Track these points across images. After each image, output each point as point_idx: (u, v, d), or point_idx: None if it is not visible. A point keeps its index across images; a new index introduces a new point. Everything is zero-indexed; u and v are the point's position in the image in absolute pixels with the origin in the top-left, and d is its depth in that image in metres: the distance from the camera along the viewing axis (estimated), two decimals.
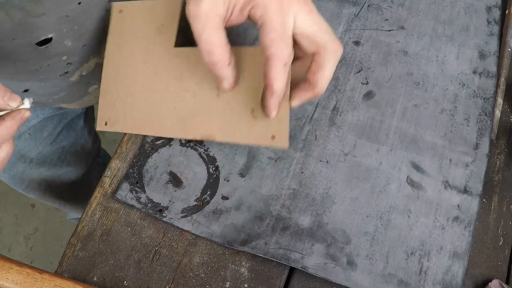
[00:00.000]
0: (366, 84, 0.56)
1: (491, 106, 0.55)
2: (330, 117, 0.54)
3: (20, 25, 0.47)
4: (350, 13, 0.60)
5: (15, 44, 0.49)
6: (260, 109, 0.45)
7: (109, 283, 0.47)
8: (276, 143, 0.45)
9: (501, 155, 0.55)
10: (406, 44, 0.58)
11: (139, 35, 0.50)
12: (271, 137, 0.45)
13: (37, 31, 0.49)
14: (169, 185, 0.50)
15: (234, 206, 0.49)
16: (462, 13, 0.61)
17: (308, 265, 0.47)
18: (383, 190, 0.50)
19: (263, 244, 0.48)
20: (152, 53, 0.49)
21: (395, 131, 0.53)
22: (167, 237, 0.49)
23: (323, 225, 0.49)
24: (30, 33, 0.49)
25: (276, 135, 0.45)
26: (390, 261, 0.48)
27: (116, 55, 0.51)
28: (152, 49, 0.49)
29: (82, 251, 0.48)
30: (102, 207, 0.50)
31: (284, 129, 0.45)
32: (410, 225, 0.49)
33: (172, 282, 0.47)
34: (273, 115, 0.44)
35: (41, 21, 0.48)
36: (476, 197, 0.51)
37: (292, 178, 0.51)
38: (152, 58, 0.49)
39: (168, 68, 0.49)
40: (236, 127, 0.47)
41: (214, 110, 0.48)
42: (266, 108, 0.44)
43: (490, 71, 0.57)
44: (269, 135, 0.45)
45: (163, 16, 0.49)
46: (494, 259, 0.50)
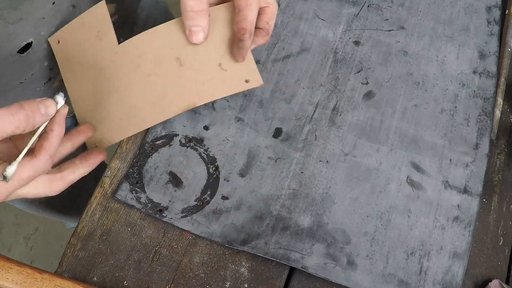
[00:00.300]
0: (366, 84, 0.56)
1: (491, 106, 0.55)
2: (330, 117, 0.54)
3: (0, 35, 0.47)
4: (350, 13, 0.60)
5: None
6: (227, 60, 0.48)
7: (109, 283, 0.47)
8: (251, 85, 0.48)
9: (501, 155, 0.55)
10: (406, 44, 0.58)
11: (84, 52, 0.50)
12: (245, 81, 0.48)
13: (17, 38, 0.49)
14: (169, 185, 0.50)
15: (234, 206, 0.49)
16: (462, 13, 0.61)
17: (308, 265, 0.47)
18: (383, 190, 0.50)
19: (263, 244, 0.48)
20: (101, 59, 0.49)
21: (395, 131, 0.53)
22: (167, 237, 0.49)
23: (323, 225, 0.49)
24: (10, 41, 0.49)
25: (249, 78, 0.48)
26: (390, 261, 0.48)
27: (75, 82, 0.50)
28: (100, 56, 0.50)
29: (82, 251, 0.48)
30: (102, 207, 0.50)
31: (254, 71, 0.48)
32: (410, 225, 0.49)
33: (172, 282, 0.47)
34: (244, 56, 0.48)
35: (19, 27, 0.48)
36: (476, 197, 0.51)
37: (292, 178, 0.51)
38: (103, 64, 0.49)
39: (122, 66, 0.49)
40: (210, 85, 0.48)
41: (184, 80, 0.48)
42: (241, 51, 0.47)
43: (490, 71, 0.57)
44: (242, 80, 0.48)
45: (95, 24, 0.50)
46: (494, 259, 0.50)
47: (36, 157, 0.40)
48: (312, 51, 0.57)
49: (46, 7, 0.49)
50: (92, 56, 0.50)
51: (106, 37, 0.49)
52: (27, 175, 0.40)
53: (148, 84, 0.48)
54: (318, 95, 0.55)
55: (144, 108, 0.49)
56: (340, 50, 0.57)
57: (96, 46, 0.50)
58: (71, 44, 0.50)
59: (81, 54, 0.50)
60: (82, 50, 0.50)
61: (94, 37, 0.50)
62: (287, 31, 0.58)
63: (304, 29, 0.59)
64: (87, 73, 0.50)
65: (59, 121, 0.42)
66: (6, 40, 0.49)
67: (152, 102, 0.48)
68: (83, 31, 0.50)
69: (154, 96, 0.48)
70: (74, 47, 0.50)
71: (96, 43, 0.50)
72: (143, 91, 0.49)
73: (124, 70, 0.49)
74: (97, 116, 0.50)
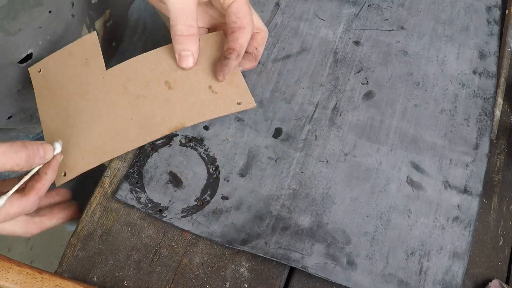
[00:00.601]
0: (366, 84, 0.56)
1: (491, 106, 0.55)
2: (330, 117, 0.54)
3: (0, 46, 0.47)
4: (350, 13, 0.60)
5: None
6: (217, 83, 0.49)
7: (109, 283, 0.47)
8: (244, 107, 0.49)
9: (501, 155, 0.55)
10: (406, 44, 0.58)
11: (68, 79, 0.50)
12: (237, 103, 0.49)
13: (18, 49, 0.50)
14: (169, 185, 0.50)
15: (234, 206, 0.49)
16: (462, 13, 0.61)
17: (308, 265, 0.47)
18: (383, 190, 0.50)
19: (263, 244, 0.48)
20: (87, 85, 0.50)
21: (395, 131, 0.53)
22: (167, 237, 0.49)
23: (323, 225, 0.49)
24: (11, 52, 0.49)
25: (241, 100, 0.49)
26: (390, 261, 0.48)
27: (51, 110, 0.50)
28: (85, 83, 0.50)
29: (82, 251, 0.48)
30: (102, 207, 0.50)
31: (246, 93, 0.49)
32: (410, 225, 0.49)
33: (172, 282, 0.47)
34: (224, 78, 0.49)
35: (19, 38, 0.48)
36: (476, 197, 0.51)
37: (292, 178, 0.51)
38: (88, 89, 0.49)
39: (108, 90, 0.49)
40: (201, 107, 0.48)
41: (172, 102, 0.48)
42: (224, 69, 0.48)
43: (490, 71, 0.57)
44: (234, 102, 0.49)
45: (83, 53, 0.50)
46: (494, 259, 0.50)
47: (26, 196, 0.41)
48: (312, 51, 0.57)
49: (43, 16, 0.49)
50: (76, 83, 0.50)
51: (94, 63, 0.50)
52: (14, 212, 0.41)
53: (136, 106, 0.49)
54: (318, 95, 0.55)
55: (131, 129, 0.48)
56: (340, 50, 0.57)
57: (82, 73, 0.50)
58: (53, 72, 0.50)
59: (64, 82, 0.50)
60: (65, 78, 0.50)
61: (80, 64, 0.50)
62: (287, 31, 0.58)
63: (304, 29, 0.59)
64: (66, 100, 0.49)
65: (54, 167, 0.44)
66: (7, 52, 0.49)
67: (139, 123, 0.48)
68: (70, 59, 0.50)
69: (142, 117, 0.48)
70: (56, 76, 0.50)
71: (82, 70, 0.50)
72: (131, 112, 0.49)
73: (111, 93, 0.49)
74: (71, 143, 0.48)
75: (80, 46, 0.51)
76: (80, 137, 0.48)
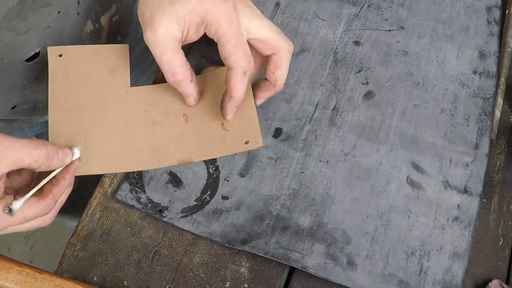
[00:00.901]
0: (366, 84, 0.56)
1: (491, 106, 0.55)
2: (330, 117, 0.54)
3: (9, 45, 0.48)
4: (350, 13, 0.60)
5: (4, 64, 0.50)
6: (229, 121, 0.49)
7: (109, 283, 0.47)
8: (251, 146, 0.48)
9: (501, 155, 0.55)
10: (406, 44, 0.58)
11: (90, 78, 0.50)
12: (244, 143, 0.48)
13: (25, 48, 0.50)
14: (169, 185, 0.50)
15: (234, 206, 0.49)
16: (462, 13, 0.61)
17: (308, 265, 0.47)
18: (383, 190, 0.50)
19: (263, 244, 0.48)
20: (108, 94, 0.50)
21: (395, 131, 0.53)
22: (167, 237, 0.49)
23: (323, 225, 0.49)
24: (19, 51, 0.50)
25: (250, 139, 0.48)
26: (390, 261, 0.48)
27: (64, 100, 0.50)
28: (107, 90, 0.50)
29: (82, 251, 0.48)
30: (102, 207, 0.50)
31: (256, 132, 0.48)
32: (410, 225, 0.49)
33: (172, 282, 0.47)
34: (229, 117, 0.48)
35: (27, 38, 0.49)
36: (476, 197, 0.51)
37: (292, 178, 0.51)
38: (109, 99, 0.50)
39: (129, 107, 0.50)
40: (210, 144, 0.49)
41: (186, 135, 0.49)
42: (223, 111, 0.48)
43: (490, 71, 0.57)
44: (242, 141, 0.48)
45: (112, 60, 0.51)
46: (494, 259, 0.50)
47: (43, 199, 0.41)
48: (312, 51, 0.57)
49: (52, 16, 0.50)
50: (99, 85, 0.50)
51: (119, 75, 0.51)
52: (30, 215, 0.41)
53: (152, 131, 0.50)
54: (318, 95, 0.55)
55: (143, 152, 0.49)
56: (340, 50, 0.57)
57: (106, 79, 0.50)
58: (76, 64, 0.50)
59: (85, 79, 0.50)
60: (88, 75, 0.50)
61: (107, 70, 0.51)
62: (287, 31, 0.58)
63: (304, 29, 0.59)
64: (84, 99, 0.50)
65: (72, 172, 0.44)
66: (15, 51, 0.49)
67: (150, 149, 0.49)
68: (97, 58, 0.51)
69: (155, 143, 0.49)
70: (79, 69, 0.50)
71: (107, 77, 0.50)
72: (145, 135, 0.49)
73: (132, 112, 0.50)
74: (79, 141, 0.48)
75: (111, 51, 0.51)
76: (90, 141, 0.48)
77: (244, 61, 0.44)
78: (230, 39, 0.44)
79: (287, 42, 0.47)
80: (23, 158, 0.39)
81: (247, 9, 0.46)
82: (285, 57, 0.48)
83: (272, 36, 0.47)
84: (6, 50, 0.49)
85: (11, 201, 0.40)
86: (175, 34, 0.44)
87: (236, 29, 0.44)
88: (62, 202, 0.45)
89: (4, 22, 0.45)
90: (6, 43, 0.47)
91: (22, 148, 0.38)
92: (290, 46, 0.48)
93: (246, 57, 0.44)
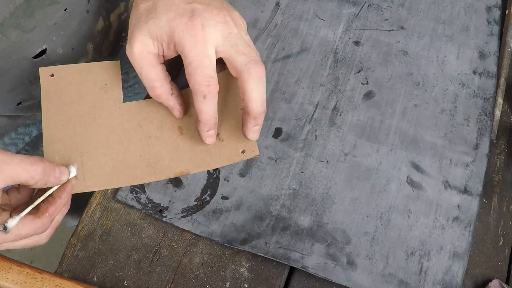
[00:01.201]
0: (366, 84, 0.56)
1: (491, 106, 0.55)
2: (330, 117, 0.54)
3: (16, 43, 0.48)
4: (350, 13, 0.60)
5: (11, 61, 0.50)
6: (225, 131, 0.50)
7: (109, 283, 0.47)
8: (247, 155, 0.49)
9: (501, 155, 0.55)
10: (406, 44, 0.58)
11: (82, 96, 0.51)
12: (241, 152, 0.49)
13: (32, 46, 0.50)
14: (169, 185, 0.50)
15: (234, 206, 0.49)
16: (462, 13, 0.61)
17: (308, 265, 0.47)
18: (383, 190, 0.50)
19: (263, 244, 0.48)
20: (101, 110, 0.50)
21: (395, 131, 0.53)
22: (167, 237, 0.49)
23: (323, 225, 0.49)
24: (25, 49, 0.50)
25: (246, 148, 0.49)
26: (390, 261, 0.48)
27: (57, 118, 0.50)
28: (100, 107, 0.50)
29: (82, 251, 0.48)
30: (102, 207, 0.50)
31: (251, 141, 0.48)
32: (410, 225, 0.49)
33: (172, 282, 0.47)
34: (208, 141, 0.47)
35: (34, 35, 0.49)
36: (476, 197, 0.50)
37: (292, 178, 0.51)
38: (102, 115, 0.50)
39: (123, 122, 0.50)
40: (206, 155, 0.49)
41: (182, 148, 0.50)
42: (199, 135, 0.47)
43: (490, 71, 0.57)
44: (239, 151, 0.49)
45: (104, 76, 0.51)
46: (494, 259, 0.50)
47: (39, 218, 0.41)
48: (312, 51, 0.57)
49: (59, 14, 0.50)
50: (91, 102, 0.50)
51: (112, 91, 0.51)
52: (25, 233, 0.40)
53: (146, 144, 0.50)
54: (318, 95, 0.55)
55: (139, 166, 0.49)
56: (340, 50, 0.57)
57: (98, 96, 0.51)
58: (68, 83, 0.51)
59: (78, 96, 0.50)
60: (79, 94, 0.50)
61: (99, 87, 0.51)
62: (287, 31, 0.58)
63: (304, 29, 0.59)
64: (77, 115, 0.50)
65: (69, 191, 0.43)
66: (22, 48, 0.50)
67: (147, 162, 0.49)
68: (89, 76, 0.51)
69: (151, 156, 0.49)
70: (71, 88, 0.50)
71: (100, 94, 0.51)
72: (140, 149, 0.49)
73: (125, 127, 0.50)
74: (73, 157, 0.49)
75: (102, 68, 0.51)
76: (85, 158, 0.49)
77: (202, 85, 0.43)
78: (191, 61, 0.43)
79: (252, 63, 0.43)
80: (20, 174, 0.38)
81: (218, 26, 0.43)
82: (249, 81, 0.44)
83: (235, 58, 0.44)
84: (13, 48, 0.49)
85: (7, 218, 0.39)
86: (150, 49, 0.44)
87: (199, 51, 0.43)
88: (58, 221, 0.45)
89: (11, 20, 0.45)
90: (13, 41, 0.48)
91: (19, 164, 0.38)
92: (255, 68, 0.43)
93: (205, 81, 0.43)
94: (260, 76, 0.44)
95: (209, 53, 0.43)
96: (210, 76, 0.43)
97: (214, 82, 0.44)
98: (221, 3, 0.46)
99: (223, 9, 0.45)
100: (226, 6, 0.46)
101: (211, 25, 0.43)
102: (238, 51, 0.44)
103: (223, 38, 0.44)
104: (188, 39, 0.42)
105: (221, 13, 0.44)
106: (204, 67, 0.43)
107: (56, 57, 0.54)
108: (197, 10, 0.43)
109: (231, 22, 0.44)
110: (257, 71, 0.44)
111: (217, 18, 0.44)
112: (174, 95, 0.48)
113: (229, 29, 0.44)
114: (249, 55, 0.44)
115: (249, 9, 0.59)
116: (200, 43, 0.43)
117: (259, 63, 0.44)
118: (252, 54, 0.44)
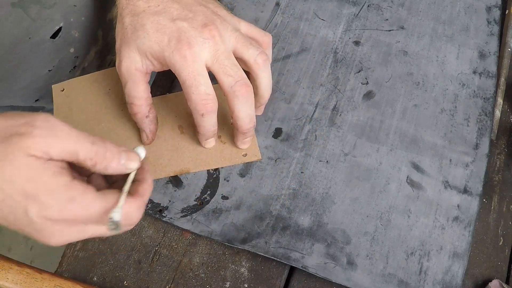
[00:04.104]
0: (366, 84, 0.56)
1: (491, 106, 0.55)
2: (330, 117, 0.54)
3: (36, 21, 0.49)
4: (350, 13, 0.60)
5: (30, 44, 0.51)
6: (227, 132, 0.51)
7: (109, 283, 0.47)
8: (249, 159, 0.50)
9: (501, 155, 0.55)
10: (406, 44, 0.58)
11: (88, 103, 0.52)
12: (243, 155, 0.50)
13: (50, 23, 0.51)
14: (169, 185, 0.50)
15: (234, 206, 0.49)
16: (462, 13, 0.61)
17: (308, 265, 0.47)
18: (383, 190, 0.50)
19: (263, 243, 0.48)
20: (105, 114, 0.52)
21: (395, 131, 0.53)
22: (167, 237, 0.49)
23: (323, 225, 0.49)
24: (44, 26, 0.51)
25: (248, 152, 0.50)
26: (390, 261, 0.48)
27: None
28: (104, 111, 0.52)
29: (82, 251, 0.48)
30: None
31: (253, 144, 0.50)
32: (410, 225, 0.49)
33: (172, 282, 0.47)
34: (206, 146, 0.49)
35: (53, 12, 0.50)
36: (476, 197, 0.51)
37: (292, 178, 0.51)
38: (106, 118, 0.51)
39: (125, 122, 0.51)
40: (207, 155, 0.50)
41: (182, 147, 0.50)
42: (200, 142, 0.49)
43: (490, 71, 0.57)
44: (240, 154, 0.50)
45: (107, 82, 0.53)
46: (494, 259, 0.50)
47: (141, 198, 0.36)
48: (312, 51, 0.57)
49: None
50: (96, 107, 0.52)
51: (115, 95, 0.52)
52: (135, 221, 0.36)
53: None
54: (318, 95, 0.55)
55: None
56: (340, 50, 0.57)
57: (102, 101, 0.52)
58: (76, 94, 0.53)
59: (84, 104, 0.52)
60: (86, 101, 0.52)
61: (103, 92, 0.52)
62: (287, 31, 0.58)
63: (304, 29, 0.59)
64: (84, 122, 0.51)
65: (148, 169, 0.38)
66: (42, 25, 0.50)
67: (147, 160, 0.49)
68: (94, 85, 0.53)
69: (151, 155, 0.50)
70: (79, 98, 0.52)
71: (103, 98, 0.52)
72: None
73: (127, 126, 0.51)
74: None
75: (105, 75, 0.53)
76: None
77: (199, 104, 0.43)
78: (184, 80, 0.43)
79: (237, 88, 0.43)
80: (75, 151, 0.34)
81: (206, 44, 0.43)
82: (234, 102, 0.44)
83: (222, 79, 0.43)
84: (33, 27, 0.49)
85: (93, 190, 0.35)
86: (138, 66, 0.44)
87: (190, 70, 0.42)
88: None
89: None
90: (33, 18, 0.48)
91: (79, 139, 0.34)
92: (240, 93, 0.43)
93: (201, 100, 0.43)
94: (246, 96, 0.44)
95: (201, 71, 0.43)
96: (206, 93, 0.43)
97: (211, 99, 0.43)
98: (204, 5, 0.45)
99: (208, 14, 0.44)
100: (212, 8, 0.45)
101: (199, 43, 0.43)
102: (225, 72, 0.43)
103: (211, 56, 0.43)
104: (178, 60, 0.42)
105: (207, 27, 0.43)
106: (198, 85, 0.43)
107: (71, 39, 0.55)
108: (183, 29, 0.43)
109: (218, 37, 0.43)
110: (242, 93, 0.44)
111: (204, 35, 0.43)
112: (148, 118, 0.47)
113: (216, 46, 0.43)
114: (235, 76, 0.43)
115: (249, 9, 0.59)
116: (190, 62, 0.42)
117: (244, 84, 0.44)
118: (238, 75, 0.44)
